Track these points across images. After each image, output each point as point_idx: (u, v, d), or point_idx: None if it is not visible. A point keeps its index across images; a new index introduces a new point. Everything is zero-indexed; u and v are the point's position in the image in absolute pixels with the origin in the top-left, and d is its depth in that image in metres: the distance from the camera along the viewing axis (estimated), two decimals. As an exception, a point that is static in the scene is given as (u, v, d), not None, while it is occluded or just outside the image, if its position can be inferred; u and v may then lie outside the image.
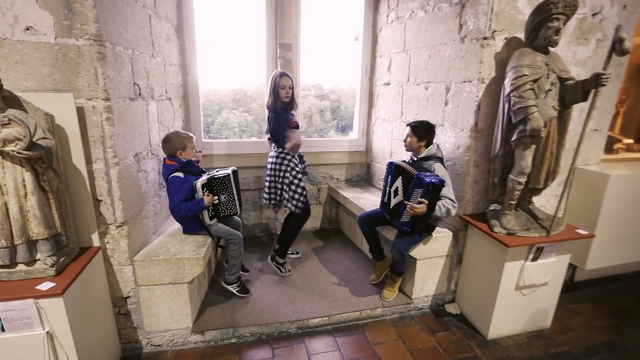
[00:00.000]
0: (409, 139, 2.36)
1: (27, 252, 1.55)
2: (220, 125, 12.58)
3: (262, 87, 4.19)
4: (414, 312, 2.61)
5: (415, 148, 2.37)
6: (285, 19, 3.02)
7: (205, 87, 9.98)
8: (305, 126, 12.03)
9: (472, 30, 2.23)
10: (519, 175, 2.11)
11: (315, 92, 12.42)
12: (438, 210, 2.16)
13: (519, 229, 2.18)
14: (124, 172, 1.92)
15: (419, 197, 2.12)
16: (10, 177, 1.46)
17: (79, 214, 1.81)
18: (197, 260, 2.07)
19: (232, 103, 11.81)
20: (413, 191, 2.16)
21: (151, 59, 2.29)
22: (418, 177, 2.12)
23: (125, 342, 2.13)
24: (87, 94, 1.71)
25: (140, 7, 2.12)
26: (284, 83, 2.52)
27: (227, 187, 2.36)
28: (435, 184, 2.07)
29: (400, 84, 3.03)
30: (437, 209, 2.15)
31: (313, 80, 7.21)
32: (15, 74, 1.62)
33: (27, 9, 1.57)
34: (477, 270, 2.42)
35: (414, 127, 2.34)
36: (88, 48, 1.66)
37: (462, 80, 2.36)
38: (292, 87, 2.57)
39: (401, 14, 2.93)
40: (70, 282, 1.56)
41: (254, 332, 2.29)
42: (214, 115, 12.10)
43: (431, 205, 2.12)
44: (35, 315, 1.48)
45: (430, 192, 2.09)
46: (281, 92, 2.53)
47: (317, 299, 2.55)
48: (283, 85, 2.52)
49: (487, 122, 2.31)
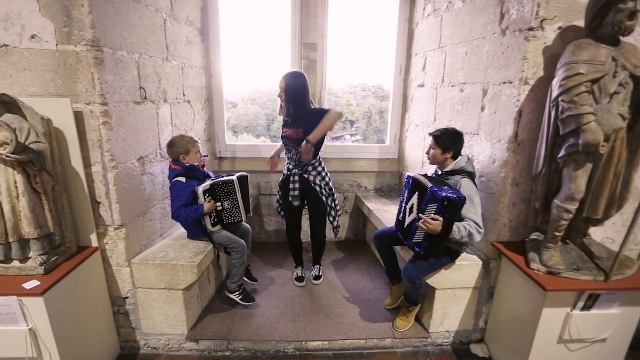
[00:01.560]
0: (432, 150, 2.03)
1: (20, 249, 1.62)
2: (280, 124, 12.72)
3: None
4: (431, 348, 2.26)
5: (440, 161, 2.03)
6: (310, 17, 2.86)
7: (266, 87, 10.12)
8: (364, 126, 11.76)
9: (516, 19, 1.83)
10: (567, 201, 1.66)
11: (376, 92, 12.00)
12: (457, 232, 1.81)
13: (565, 267, 1.73)
14: (123, 175, 1.94)
15: (432, 214, 1.80)
16: (3, 179, 1.53)
17: (78, 215, 1.86)
18: (191, 268, 2.02)
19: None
20: (426, 206, 1.85)
21: (165, 63, 2.30)
22: (432, 189, 1.81)
23: (124, 341, 2.18)
24: (85, 99, 1.74)
25: (152, 11, 2.13)
26: (279, 85, 2.33)
27: (230, 194, 2.28)
28: (452, 200, 1.73)
29: (434, 86, 2.66)
30: (455, 231, 1.81)
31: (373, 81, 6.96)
32: (23, 80, 1.71)
33: (31, 18, 1.64)
34: (510, 311, 2.00)
35: (436, 136, 2.00)
36: (85, 53, 1.68)
37: (501, 81, 1.96)
38: (282, 89, 2.30)
39: (438, 6, 2.57)
40: (54, 283, 1.60)
41: (249, 347, 2.18)
42: (275, 114, 12.28)
43: (447, 225, 1.79)
44: (19, 311, 1.54)
45: (446, 209, 1.76)
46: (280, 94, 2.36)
47: (322, 319, 2.35)
48: (279, 87, 2.34)
49: (530, 133, 1.88)
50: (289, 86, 2.27)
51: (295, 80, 2.27)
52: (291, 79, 2.27)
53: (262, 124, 12.36)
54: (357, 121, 11.88)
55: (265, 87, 10.03)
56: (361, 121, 11.28)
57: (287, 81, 2.26)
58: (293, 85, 2.26)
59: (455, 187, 1.89)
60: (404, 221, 2.09)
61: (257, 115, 13.00)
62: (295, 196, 2.44)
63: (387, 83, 3.26)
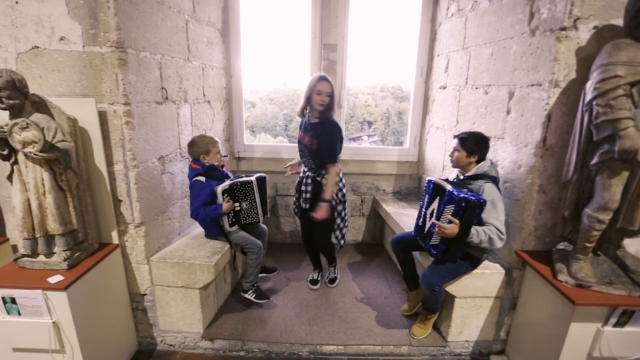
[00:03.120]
0: (457, 153, 1.97)
1: (46, 245, 1.67)
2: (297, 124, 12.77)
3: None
4: (449, 358, 2.19)
5: (464, 165, 1.97)
6: (331, 17, 2.83)
7: (284, 88, 10.11)
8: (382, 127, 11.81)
9: (547, 19, 1.74)
10: (600, 211, 1.56)
11: (395, 92, 11.96)
12: (475, 236, 1.75)
13: (596, 281, 1.63)
14: (144, 174, 1.97)
15: (449, 215, 1.76)
16: (31, 176, 1.58)
17: (101, 212, 1.91)
18: (208, 268, 2.04)
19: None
20: (444, 208, 1.81)
21: (186, 63, 2.33)
22: (450, 191, 1.77)
23: (141, 337, 2.22)
24: (109, 99, 1.78)
25: (175, 12, 2.16)
26: (321, 88, 2.19)
27: (249, 194, 2.29)
28: (471, 201, 1.69)
29: (457, 88, 2.59)
30: (474, 234, 1.75)
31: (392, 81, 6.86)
32: (52, 81, 1.77)
33: (61, 21, 1.69)
34: (535, 323, 1.91)
35: (463, 139, 1.94)
36: (110, 55, 1.72)
37: (529, 84, 1.87)
38: (330, 95, 2.21)
39: (462, 5, 2.49)
40: (77, 278, 1.64)
41: (263, 348, 2.18)
42: (293, 114, 12.40)
43: (465, 228, 1.73)
44: (44, 305, 1.59)
45: (463, 210, 1.72)
46: (316, 97, 2.21)
47: (337, 323, 2.32)
48: (320, 91, 2.20)
49: (560, 138, 1.79)
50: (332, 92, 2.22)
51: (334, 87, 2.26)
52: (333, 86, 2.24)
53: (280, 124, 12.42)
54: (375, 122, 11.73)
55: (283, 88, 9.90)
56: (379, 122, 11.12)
57: (332, 86, 2.22)
58: (333, 92, 2.24)
59: (478, 192, 1.83)
60: (423, 226, 2.04)
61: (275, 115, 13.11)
62: (306, 199, 2.41)
63: (407, 84, 3.20)
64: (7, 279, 1.61)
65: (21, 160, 1.57)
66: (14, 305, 1.59)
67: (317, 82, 2.20)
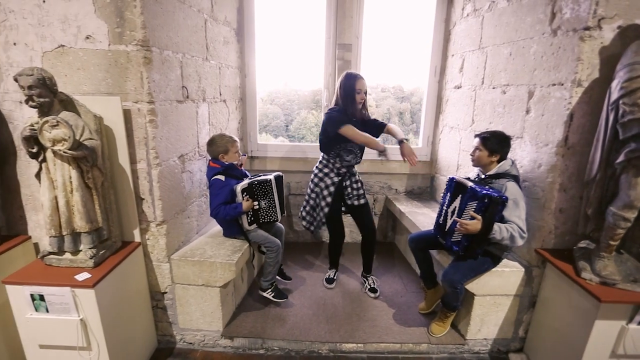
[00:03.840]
0: (478, 152, 1.98)
1: (72, 242, 1.67)
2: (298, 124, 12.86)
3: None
4: (467, 356, 2.20)
5: (485, 164, 1.98)
6: (345, 17, 2.84)
7: (285, 88, 10.11)
8: None
9: (569, 19, 1.76)
10: (625, 209, 1.58)
11: (396, 93, 12.00)
12: (497, 232, 1.77)
13: (620, 279, 1.65)
14: (166, 172, 1.98)
15: (471, 212, 1.78)
16: (59, 174, 1.58)
17: (123, 210, 1.91)
18: (229, 266, 2.04)
19: (311, 103, 11.95)
20: (466, 205, 1.83)
21: (204, 62, 2.34)
22: (472, 188, 1.81)
23: (161, 335, 2.22)
24: (133, 97, 1.79)
25: (195, 11, 2.17)
26: (360, 87, 2.29)
27: (268, 193, 2.29)
28: (494, 198, 1.72)
29: (473, 87, 2.60)
30: (496, 231, 1.77)
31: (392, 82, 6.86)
32: (77, 79, 1.77)
33: (87, 20, 1.69)
34: (555, 321, 1.92)
35: (485, 138, 1.95)
36: (135, 53, 1.73)
37: (550, 83, 1.88)
38: (366, 92, 2.35)
39: (479, 6, 2.50)
40: (104, 276, 1.65)
41: (283, 347, 2.19)
42: (293, 114, 12.50)
43: (487, 224, 1.75)
44: (72, 302, 1.59)
45: (486, 207, 1.75)
46: (357, 96, 2.30)
47: (355, 322, 2.32)
48: (359, 90, 2.29)
49: (582, 137, 1.80)
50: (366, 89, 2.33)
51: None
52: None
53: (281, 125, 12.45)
54: (378, 122, 11.64)
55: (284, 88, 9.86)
56: (381, 122, 11.06)
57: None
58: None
59: (500, 190, 1.84)
60: (444, 224, 2.05)
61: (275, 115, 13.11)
62: (359, 195, 2.51)
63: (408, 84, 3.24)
64: (35, 276, 1.62)
65: (49, 158, 1.58)
66: (43, 302, 1.59)
67: (357, 81, 2.27)
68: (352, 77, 2.28)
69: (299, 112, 14.44)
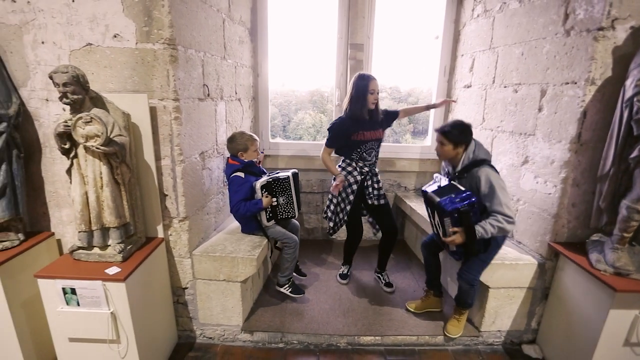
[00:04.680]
0: (443, 147, 1.99)
1: (101, 237, 1.70)
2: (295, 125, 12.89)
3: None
4: (482, 347, 2.26)
5: (452, 157, 2.00)
6: (357, 17, 2.90)
7: (282, 88, 10.19)
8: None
9: (583, 19, 1.82)
10: (639, 202, 1.64)
11: (392, 94, 12.06)
12: (483, 233, 1.82)
13: (634, 269, 1.71)
14: (189, 169, 2.01)
15: (451, 227, 1.86)
16: (90, 169, 1.61)
17: (147, 206, 1.94)
18: (250, 261, 2.08)
19: (308, 104, 11.99)
20: (442, 220, 1.91)
21: (222, 61, 2.38)
22: (440, 204, 1.85)
23: (181, 330, 2.25)
24: (159, 95, 1.82)
25: (215, 11, 2.21)
26: (374, 87, 2.33)
27: (286, 190, 2.33)
28: (461, 209, 1.79)
29: (483, 87, 2.66)
30: (480, 232, 1.82)
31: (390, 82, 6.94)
32: (104, 77, 1.80)
33: (115, 19, 1.73)
34: (568, 312, 1.98)
35: (446, 132, 1.96)
36: (162, 52, 1.76)
37: (563, 82, 1.95)
38: (378, 92, 2.37)
39: (490, 7, 2.57)
40: (133, 270, 1.68)
41: (302, 340, 2.23)
42: (291, 115, 12.51)
43: (469, 231, 1.82)
44: (103, 295, 1.62)
45: (460, 219, 1.81)
46: (370, 97, 2.33)
47: (371, 315, 2.37)
48: (373, 90, 2.33)
49: (595, 133, 1.87)
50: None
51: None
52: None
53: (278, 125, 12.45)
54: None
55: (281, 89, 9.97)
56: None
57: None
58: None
59: (476, 184, 1.88)
60: (439, 235, 2.08)
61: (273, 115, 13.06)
62: (379, 195, 2.53)
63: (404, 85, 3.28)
64: (66, 270, 1.65)
65: (81, 154, 1.61)
66: (74, 295, 1.62)
67: (370, 82, 2.31)
68: (365, 78, 2.32)
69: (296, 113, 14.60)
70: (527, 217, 2.23)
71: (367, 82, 2.31)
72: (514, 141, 2.34)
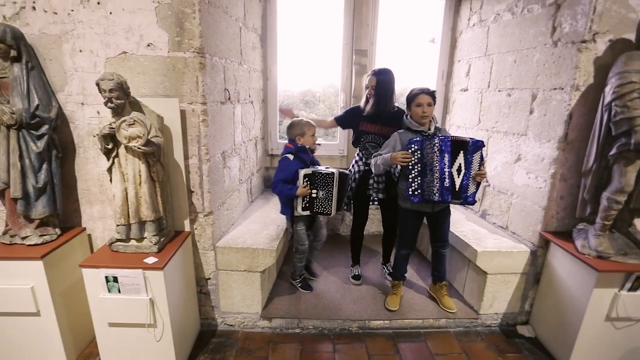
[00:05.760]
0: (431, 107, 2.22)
1: (138, 230, 1.86)
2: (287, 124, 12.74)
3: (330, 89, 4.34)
4: (480, 329, 2.48)
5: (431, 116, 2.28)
6: (362, 25, 3.09)
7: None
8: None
9: (568, 33, 2.05)
10: (618, 193, 1.88)
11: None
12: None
13: (614, 252, 1.95)
14: (213, 167, 2.17)
15: (479, 162, 2.16)
16: (130, 168, 1.76)
17: (176, 202, 2.10)
18: (270, 252, 2.25)
19: (300, 104, 12.15)
20: (472, 157, 2.15)
21: (239, 67, 2.54)
22: (474, 140, 2.14)
23: (204, 318, 2.41)
24: (188, 99, 1.98)
25: (234, 20, 2.37)
26: (372, 83, 2.42)
27: (327, 185, 2.34)
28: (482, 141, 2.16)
29: (479, 90, 2.89)
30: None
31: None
32: (137, 83, 1.95)
33: (149, 29, 1.88)
34: (558, 293, 2.21)
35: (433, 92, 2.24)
36: (192, 59, 1.92)
37: (551, 88, 2.18)
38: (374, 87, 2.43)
39: (485, 17, 2.80)
40: (169, 259, 1.83)
41: (317, 325, 2.41)
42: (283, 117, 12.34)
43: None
44: (142, 283, 1.77)
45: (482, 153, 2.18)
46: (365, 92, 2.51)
47: (379, 302, 2.57)
48: (366, 85, 2.48)
49: (579, 134, 2.10)
50: (381, 83, 2.42)
51: (387, 78, 2.43)
52: (383, 76, 2.42)
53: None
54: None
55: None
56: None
57: (379, 78, 2.42)
58: (386, 82, 2.42)
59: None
60: (452, 185, 2.15)
61: None
62: (379, 189, 2.59)
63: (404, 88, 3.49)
64: (107, 260, 1.79)
65: (122, 153, 1.76)
66: (115, 283, 1.77)
67: (368, 77, 2.47)
68: (372, 73, 2.48)
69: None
70: (520, 209, 2.47)
71: (366, 77, 2.48)
72: (508, 141, 2.57)
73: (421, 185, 2.18)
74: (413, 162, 2.16)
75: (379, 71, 2.44)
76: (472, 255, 2.38)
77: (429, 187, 2.16)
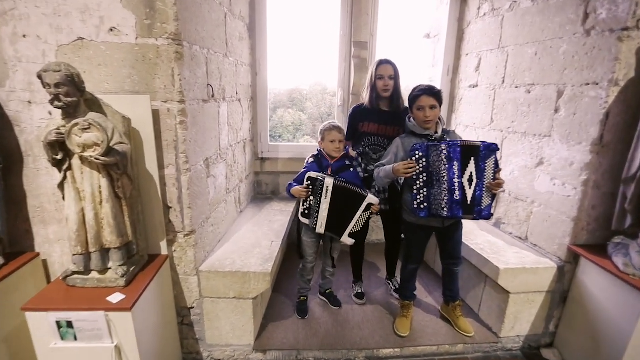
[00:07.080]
0: (435, 110, 1.91)
1: (100, 260, 1.50)
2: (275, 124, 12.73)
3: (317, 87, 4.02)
4: (501, 353, 2.21)
5: (436, 120, 1.98)
6: (362, 15, 2.78)
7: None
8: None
9: (606, 19, 1.79)
10: (667, 204, 1.63)
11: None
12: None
13: (661, 272, 1.70)
14: (195, 178, 1.83)
15: (493, 169, 1.86)
16: (88, 183, 1.40)
17: (149, 221, 1.74)
18: (264, 276, 1.93)
19: (287, 102, 11.79)
20: (485, 165, 1.85)
21: (224, 59, 2.19)
22: (485, 144, 1.83)
23: (186, 353, 2.06)
24: (163, 96, 1.63)
25: (217, 4, 2.02)
26: (383, 72, 2.14)
27: (317, 193, 2.01)
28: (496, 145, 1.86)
29: (491, 87, 2.62)
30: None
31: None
32: (98, 76, 1.59)
33: (112, 10, 1.52)
34: (591, 315, 1.96)
35: (437, 93, 1.92)
36: (167, 48, 1.57)
37: (583, 83, 1.92)
38: (393, 78, 2.15)
39: (498, 5, 2.52)
40: (139, 296, 1.48)
41: (319, 357, 2.09)
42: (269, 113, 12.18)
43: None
44: (105, 327, 1.42)
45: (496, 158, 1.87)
46: (379, 83, 2.15)
47: (387, 325, 2.27)
48: (381, 75, 2.14)
49: (617, 135, 1.85)
50: (398, 74, 2.15)
51: (398, 70, 2.17)
52: (396, 67, 2.14)
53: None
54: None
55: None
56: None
57: (396, 68, 2.13)
58: (399, 75, 2.15)
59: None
60: (464, 197, 1.87)
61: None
62: (381, 200, 2.18)
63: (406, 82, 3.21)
64: (59, 300, 1.43)
65: (76, 165, 1.40)
66: (70, 329, 1.41)
67: (378, 66, 2.15)
68: (376, 63, 2.18)
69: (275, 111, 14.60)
70: (544, 219, 2.20)
71: (376, 67, 2.15)
72: (528, 142, 2.31)
73: (428, 198, 1.89)
74: (418, 170, 1.87)
75: (389, 60, 2.15)
76: (492, 272, 2.11)
77: (436, 201, 1.87)
